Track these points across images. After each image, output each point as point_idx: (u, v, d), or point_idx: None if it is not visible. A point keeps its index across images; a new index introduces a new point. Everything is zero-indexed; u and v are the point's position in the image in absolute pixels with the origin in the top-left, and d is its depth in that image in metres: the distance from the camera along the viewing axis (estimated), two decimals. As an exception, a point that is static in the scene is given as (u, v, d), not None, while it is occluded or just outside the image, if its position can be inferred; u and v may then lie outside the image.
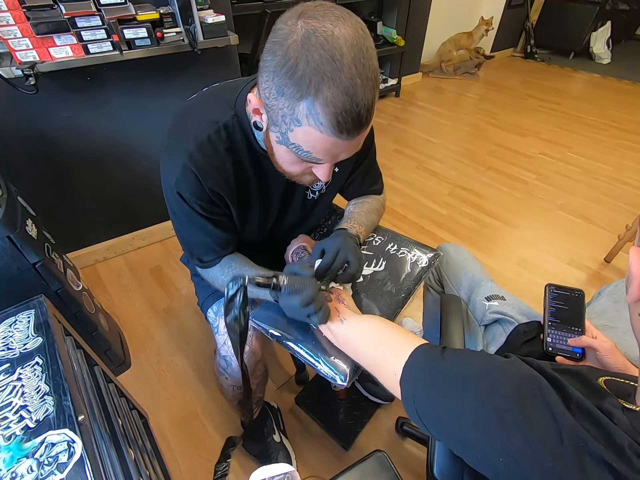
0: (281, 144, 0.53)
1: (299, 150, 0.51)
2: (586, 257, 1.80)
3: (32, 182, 1.40)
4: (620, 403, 0.37)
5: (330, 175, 0.58)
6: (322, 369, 0.65)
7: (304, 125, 0.47)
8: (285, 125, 0.49)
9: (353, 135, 0.48)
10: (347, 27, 0.44)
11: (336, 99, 0.44)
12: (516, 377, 0.40)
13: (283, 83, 0.45)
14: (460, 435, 0.41)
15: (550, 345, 0.68)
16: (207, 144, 0.62)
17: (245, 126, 0.64)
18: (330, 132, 0.47)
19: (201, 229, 0.70)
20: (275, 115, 0.49)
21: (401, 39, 3.10)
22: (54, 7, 1.07)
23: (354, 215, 0.84)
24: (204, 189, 0.64)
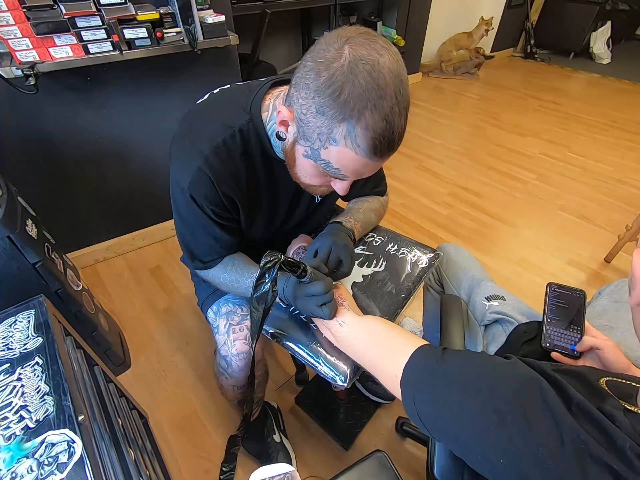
0: (309, 158, 0.55)
1: (328, 166, 0.53)
2: (586, 257, 1.80)
3: (32, 182, 1.40)
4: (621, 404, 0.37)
5: (348, 190, 0.60)
6: (323, 370, 0.65)
7: (340, 146, 0.49)
8: (319, 143, 0.51)
9: (384, 158, 0.51)
10: (390, 57, 0.47)
11: (376, 124, 0.47)
12: (517, 379, 0.40)
13: (326, 104, 0.47)
14: (460, 437, 0.41)
15: (547, 341, 0.68)
16: (223, 148, 0.62)
17: (260, 131, 0.64)
18: (364, 154, 0.49)
19: (208, 231, 0.70)
20: (309, 132, 0.51)
21: (401, 39, 3.10)
22: (54, 7, 1.07)
23: (351, 210, 0.85)
24: (218, 193, 0.65)
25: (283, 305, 0.74)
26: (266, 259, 0.54)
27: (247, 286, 0.71)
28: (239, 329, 0.79)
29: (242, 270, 0.73)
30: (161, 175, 1.67)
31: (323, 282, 0.60)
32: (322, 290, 0.59)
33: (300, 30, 3.15)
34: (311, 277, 0.60)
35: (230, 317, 0.81)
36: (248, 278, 0.71)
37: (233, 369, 0.80)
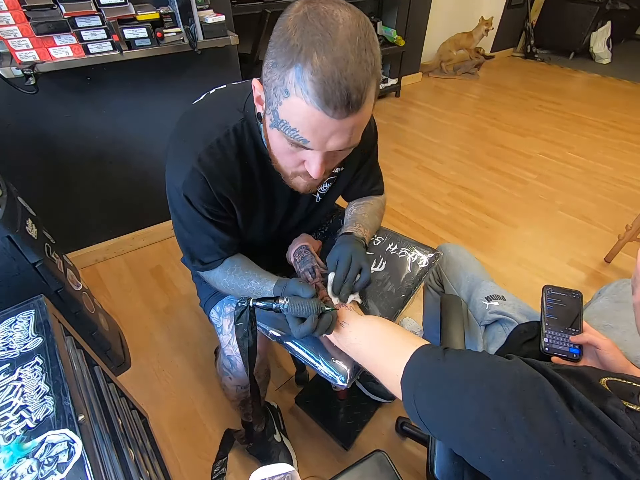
0: (273, 126, 0.52)
1: (287, 128, 0.50)
2: (586, 257, 1.80)
3: (32, 182, 1.40)
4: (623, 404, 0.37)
5: (321, 172, 0.55)
6: (323, 370, 0.65)
7: (292, 96, 0.46)
8: (275, 99, 0.49)
9: (341, 114, 0.46)
10: (349, 13, 0.45)
11: (325, 67, 0.43)
12: (518, 378, 0.40)
13: (278, 53, 0.46)
14: (461, 436, 0.41)
15: (546, 346, 0.68)
16: (217, 148, 0.62)
17: (254, 130, 0.64)
18: (316, 103, 0.45)
19: (205, 232, 0.70)
20: (269, 92, 0.49)
21: (401, 39, 3.10)
22: (54, 7, 1.07)
23: (357, 217, 0.84)
24: (212, 193, 0.64)
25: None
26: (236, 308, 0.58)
27: (246, 292, 0.71)
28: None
29: (240, 275, 0.72)
30: (161, 175, 1.65)
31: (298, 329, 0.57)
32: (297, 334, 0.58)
33: (300, 30, 3.14)
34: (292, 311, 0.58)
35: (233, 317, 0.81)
36: (247, 284, 0.71)
37: (237, 369, 0.80)
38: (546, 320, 0.70)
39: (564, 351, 0.67)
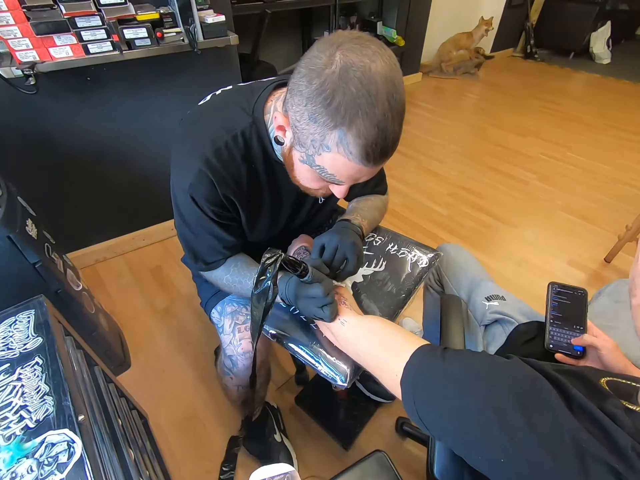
0: (304, 163, 0.56)
1: (323, 172, 0.54)
2: (586, 257, 1.80)
3: (32, 182, 1.40)
4: (622, 404, 0.37)
5: (346, 193, 0.60)
6: (323, 370, 0.65)
7: (333, 152, 0.49)
8: (313, 149, 0.51)
9: (378, 164, 0.51)
10: (383, 62, 0.46)
11: (368, 131, 0.46)
12: (518, 378, 0.40)
13: (317, 111, 0.47)
14: (461, 436, 0.41)
15: (551, 343, 0.68)
16: (224, 150, 0.63)
17: (262, 134, 0.65)
18: (357, 161, 0.49)
19: (210, 232, 0.70)
20: (303, 138, 0.51)
21: (401, 39, 3.10)
22: (54, 7, 1.07)
23: (356, 209, 0.84)
24: (218, 195, 0.65)
25: (283, 305, 0.73)
26: (267, 255, 0.54)
27: (249, 287, 0.71)
28: (244, 327, 0.79)
29: (244, 271, 0.73)
30: (161, 175, 1.67)
31: (323, 285, 0.59)
32: (321, 292, 0.59)
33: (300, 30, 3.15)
34: (312, 277, 0.59)
35: (235, 317, 0.81)
36: (251, 279, 0.71)
37: (239, 368, 0.80)
38: (551, 317, 0.70)
39: (567, 348, 0.67)
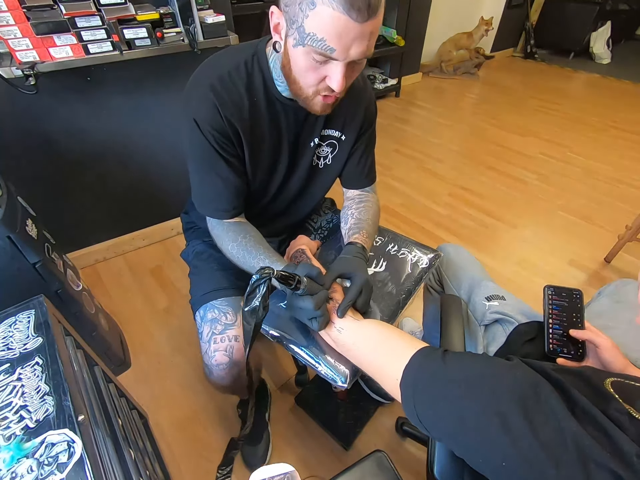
0: (298, 45, 0.57)
1: (314, 40, 0.54)
2: (586, 257, 1.80)
3: (32, 182, 1.40)
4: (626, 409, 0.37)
5: (343, 83, 0.59)
6: (323, 370, 0.65)
7: (318, 5, 0.51)
8: (302, 14, 0.53)
9: (363, 16, 0.51)
10: None
11: None
12: (519, 381, 0.40)
13: None
14: (462, 439, 0.41)
15: (551, 347, 0.68)
16: (227, 78, 0.67)
17: (263, 66, 0.69)
18: (341, 7, 0.50)
19: (214, 168, 0.72)
20: (293, 10, 0.54)
21: (401, 39, 3.10)
22: (54, 7, 1.07)
23: (363, 224, 0.82)
24: (221, 118, 0.68)
25: (284, 306, 0.73)
26: (257, 276, 0.53)
27: (251, 265, 0.71)
28: (220, 339, 0.78)
29: (251, 247, 0.72)
30: (161, 175, 1.67)
31: (315, 298, 0.59)
32: (312, 306, 0.58)
33: (300, 30, 3.14)
34: (304, 291, 0.59)
35: (213, 325, 0.80)
36: (255, 258, 0.71)
37: (215, 377, 0.80)
38: (549, 321, 0.70)
39: (568, 352, 0.67)
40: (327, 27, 0.52)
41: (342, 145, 0.83)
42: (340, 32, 0.53)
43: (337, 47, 0.54)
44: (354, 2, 0.50)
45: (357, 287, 0.65)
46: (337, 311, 0.62)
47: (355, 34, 0.53)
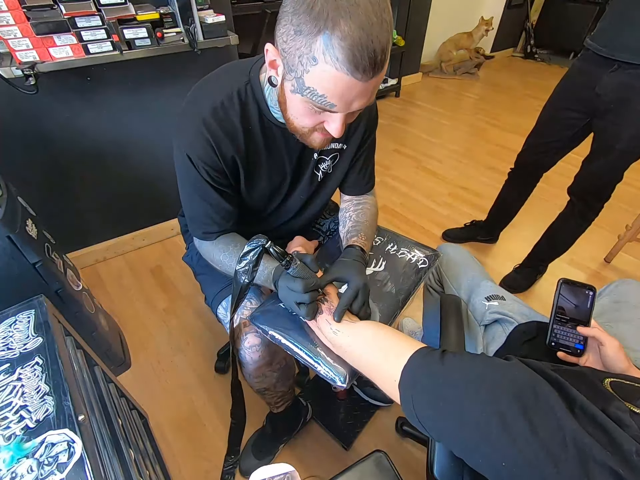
0: (296, 92, 0.54)
1: (314, 95, 0.52)
2: (586, 257, 1.80)
3: (32, 182, 1.40)
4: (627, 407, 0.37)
5: (342, 130, 0.57)
6: (322, 371, 0.64)
7: (320, 63, 0.48)
8: (301, 67, 0.50)
9: (368, 76, 0.49)
10: None
11: (353, 32, 0.45)
12: (518, 381, 0.40)
13: (301, 21, 0.46)
14: (461, 439, 0.41)
15: (553, 340, 0.68)
16: (220, 109, 0.65)
17: (258, 94, 0.67)
18: (346, 69, 0.47)
19: (206, 198, 0.71)
20: (292, 59, 0.50)
21: (401, 39, 3.10)
22: (54, 7, 1.07)
23: (361, 227, 0.82)
24: (215, 155, 0.66)
25: (282, 305, 0.73)
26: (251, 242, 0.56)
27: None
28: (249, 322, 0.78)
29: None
30: (161, 175, 1.67)
31: (304, 281, 0.59)
32: (301, 288, 0.59)
33: (300, 30, 3.14)
34: (296, 271, 0.59)
35: (240, 312, 0.80)
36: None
37: (247, 361, 0.80)
38: (556, 314, 0.70)
39: (569, 346, 0.67)
40: (329, 86, 0.50)
41: (343, 154, 0.82)
42: (343, 91, 0.50)
43: (338, 104, 0.52)
44: (359, 64, 0.46)
45: (353, 290, 0.64)
46: (334, 315, 0.62)
47: (358, 91, 0.51)
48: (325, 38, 0.46)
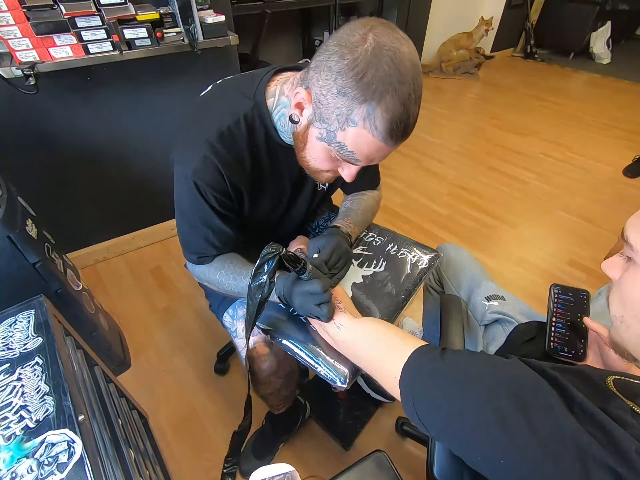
0: (323, 140, 0.56)
1: (342, 149, 0.54)
2: (586, 257, 1.80)
3: (32, 182, 1.40)
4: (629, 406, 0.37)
5: (355, 177, 0.61)
6: (322, 371, 0.65)
7: (359, 127, 0.50)
8: (337, 124, 0.52)
9: (398, 143, 0.53)
10: (409, 48, 0.50)
11: (395, 107, 0.48)
12: (517, 379, 0.40)
13: (348, 85, 0.48)
14: (460, 437, 0.41)
15: (552, 345, 0.68)
16: (227, 135, 0.64)
17: (264, 117, 0.66)
18: (381, 138, 0.51)
19: (207, 224, 0.70)
20: (327, 113, 0.52)
21: (401, 39, 3.10)
22: (54, 7, 1.07)
23: (350, 212, 0.85)
24: (223, 181, 0.66)
25: (282, 305, 0.73)
26: (267, 250, 0.54)
27: (243, 285, 0.70)
28: (257, 331, 0.77)
29: (240, 268, 0.73)
30: (161, 175, 1.67)
31: (322, 281, 0.60)
32: (320, 289, 0.59)
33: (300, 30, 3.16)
34: (310, 275, 0.59)
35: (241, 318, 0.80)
36: (247, 277, 0.70)
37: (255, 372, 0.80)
38: (552, 319, 0.70)
39: (569, 351, 0.66)
40: (361, 147, 0.53)
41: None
42: (372, 152, 0.54)
43: (363, 160, 0.56)
44: (394, 134, 0.50)
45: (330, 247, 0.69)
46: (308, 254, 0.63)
47: (385, 153, 0.55)
48: (369, 108, 0.48)
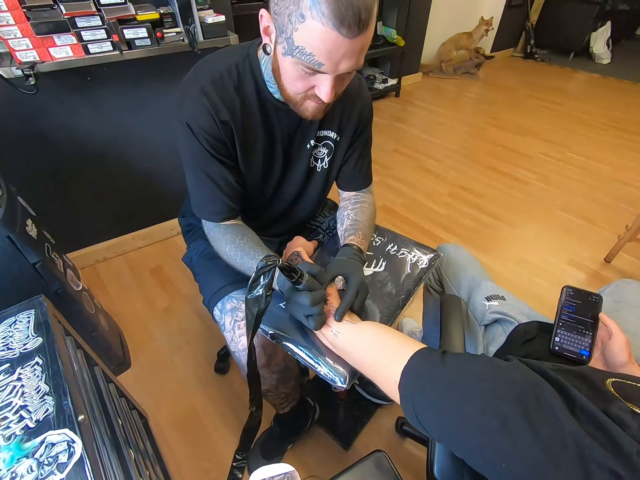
0: (287, 54, 0.56)
1: (303, 54, 0.54)
2: (586, 257, 1.80)
3: (32, 182, 1.40)
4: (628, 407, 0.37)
5: (331, 95, 0.59)
6: (322, 371, 0.64)
7: (308, 19, 0.50)
8: (291, 26, 0.52)
9: (353, 32, 0.51)
10: None
11: None
12: (519, 382, 0.40)
13: None
14: (462, 440, 0.41)
15: (557, 345, 0.68)
16: (219, 80, 0.68)
17: (255, 69, 0.69)
18: (331, 24, 0.49)
19: (208, 171, 0.72)
20: (282, 20, 0.53)
21: (401, 39, 3.10)
22: (54, 7, 1.07)
23: (359, 226, 0.83)
24: (215, 122, 0.68)
25: (283, 306, 0.73)
26: (263, 263, 0.54)
27: (249, 265, 0.71)
28: (243, 324, 0.78)
29: (249, 248, 0.73)
30: (161, 175, 1.67)
31: (313, 294, 0.59)
32: (308, 302, 0.59)
33: (300, 30, 3.13)
34: (306, 286, 0.59)
35: (234, 314, 0.80)
36: (253, 259, 0.71)
37: (243, 364, 0.80)
38: (561, 320, 0.70)
39: (573, 352, 0.66)
40: (317, 43, 0.52)
41: (338, 146, 0.83)
42: (330, 48, 0.52)
43: (326, 63, 0.54)
44: (344, 19, 0.49)
45: (354, 289, 0.65)
46: (335, 315, 0.62)
47: (345, 50, 0.53)
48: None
